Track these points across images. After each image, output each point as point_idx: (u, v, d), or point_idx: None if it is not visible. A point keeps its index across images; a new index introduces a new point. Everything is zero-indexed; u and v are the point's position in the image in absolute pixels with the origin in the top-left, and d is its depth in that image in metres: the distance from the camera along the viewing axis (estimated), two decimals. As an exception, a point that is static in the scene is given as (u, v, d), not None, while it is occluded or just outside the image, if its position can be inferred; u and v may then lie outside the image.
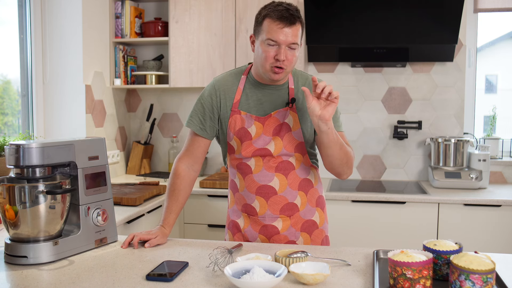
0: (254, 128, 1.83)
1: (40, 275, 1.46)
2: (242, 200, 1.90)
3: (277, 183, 1.84)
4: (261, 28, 1.75)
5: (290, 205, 1.86)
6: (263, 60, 1.74)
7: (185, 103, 3.75)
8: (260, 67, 1.78)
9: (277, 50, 1.71)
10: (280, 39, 1.70)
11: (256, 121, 1.83)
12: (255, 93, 1.86)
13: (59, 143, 1.62)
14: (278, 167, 1.84)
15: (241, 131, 1.84)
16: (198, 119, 1.89)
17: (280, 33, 1.69)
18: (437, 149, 3.31)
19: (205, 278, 1.42)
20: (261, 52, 1.75)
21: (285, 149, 1.83)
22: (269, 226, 1.87)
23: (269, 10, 1.73)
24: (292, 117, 1.83)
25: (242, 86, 1.87)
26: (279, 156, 1.84)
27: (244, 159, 1.86)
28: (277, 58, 1.71)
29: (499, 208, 2.85)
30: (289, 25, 1.70)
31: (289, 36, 1.70)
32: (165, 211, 1.85)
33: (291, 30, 1.70)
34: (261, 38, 1.75)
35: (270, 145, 1.82)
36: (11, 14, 2.97)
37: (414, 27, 3.16)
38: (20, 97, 3.04)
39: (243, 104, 1.85)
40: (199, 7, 3.34)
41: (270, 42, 1.71)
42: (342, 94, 3.54)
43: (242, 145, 1.84)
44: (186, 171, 1.90)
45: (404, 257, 1.28)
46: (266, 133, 1.82)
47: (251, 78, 1.87)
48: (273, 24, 1.70)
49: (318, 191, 1.96)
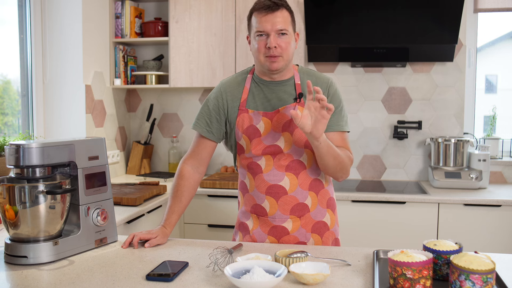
0: (262, 124, 1.82)
1: (40, 275, 1.46)
2: (252, 200, 1.89)
3: (288, 183, 1.83)
4: (250, 24, 1.81)
5: (300, 205, 1.85)
6: (257, 53, 1.79)
7: (185, 103, 3.75)
8: (257, 62, 1.82)
9: (266, 39, 1.75)
10: (267, 28, 1.73)
11: (264, 116, 1.82)
12: (261, 90, 1.86)
13: (59, 143, 1.62)
14: (289, 166, 1.83)
15: (249, 129, 1.83)
16: (204, 121, 1.89)
17: (264, 21, 1.74)
18: (437, 149, 3.31)
19: (205, 278, 1.42)
20: (254, 46, 1.79)
21: (295, 145, 1.81)
22: (279, 227, 1.85)
23: (254, 5, 1.80)
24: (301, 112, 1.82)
25: (248, 85, 1.88)
26: (290, 154, 1.82)
27: (254, 158, 1.85)
28: (268, 46, 1.74)
29: (499, 208, 2.85)
30: (272, 11, 1.73)
31: (275, 23, 1.73)
32: (167, 211, 1.85)
33: (275, 17, 1.73)
34: (252, 33, 1.80)
35: (280, 141, 1.82)
36: (11, 14, 2.97)
37: (414, 27, 3.16)
38: (20, 97, 3.04)
39: (250, 103, 1.86)
40: (199, 7, 3.34)
41: (259, 33, 1.75)
42: (342, 94, 3.53)
43: (252, 143, 1.83)
44: (190, 173, 1.90)
45: (404, 257, 1.28)
46: (275, 129, 1.82)
47: (256, 77, 1.89)
48: (258, 16, 1.76)
49: (329, 192, 1.94)
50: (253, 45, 1.81)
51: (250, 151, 1.84)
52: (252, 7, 1.80)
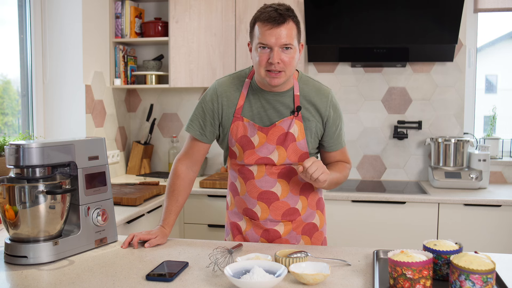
0: (257, 138, 1.79)
1: (40, 275, 1.46)
2: (243, 204, 1.89)
3: (279, 189, 1.83)
4: (253, 33, 1.71)
5: (291, 210, 1.86)
6: (257, 65, 1.69)
7: (185, 103, 3.75)
8: (257, 73, 1.73)
9: (269, 53, 1.65)
10: (270, 42, 1.64)
11: (259, 131, 1.78)
12: (258, 99, 1.80)
13: (59, 143, 1.62)
14: (280, 173, 1.82)
15: (243, 139, 1.80)
16: (198, 123, 1.86)
17: (268, 35, 1.63)
18: (437, 149, 3.31)
19: (205, 278, 1.42)
20: (255, 58, 1.70)
21: (288, 159, 1.80)
22: (271, 230, 1.87)
23: (258, 13, 1.68)
24: (298, 126, 1.78)
25: (245, 91, 1.81)
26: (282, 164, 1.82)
27: (246, 165, 1.84)
28: (270, 61, 1.65)
29: (499, 208, 2.85)
30: (278, 25, 1.63)
31: (279, 37, 1.63)
32: (164, 211, 1.85)
33: (280, 30, 1.63)
34: (254, 43, 1.71)
35: (273, 155, 1.79)
36: (11, 14, 2.97)
37: (414, 27, 3.16)
38: (20, 97, 3.04)
39: (246, 111, 1.81)
40: (199, 7, 3.34)
41: (262, 46, 1.66)
42: (342, 94, 3.54)
43: (245, 153, 1.81)
44: (185, 172, 1.89)
45: (404, 257, 1.28)
46: (270, 142, 1.79)
47: (254, 84, 1.82)
48: (262, 27, 1.65)
49: (318, 193, 1.95)
50: (254, 56, 1.71)
51: (242, 160, 1.83)
52: (256, 15, 1.69)
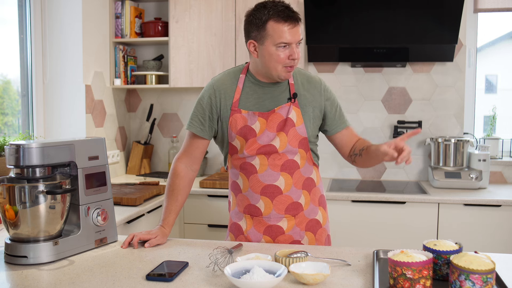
0: (258, 124, 1.82)
1: (40, 275, 1.46)
2: (245, 201, 1.89)
3: (283, 182, 1.84)
4: (265, 32, 1.72)
5: (294, 204, 1.86)
6: (275, 63, 1.75)
7: (185, 103, 3.75)
8: (271, 70, 1.77)
9: (290, 50, 1.74)
10: (292, 39, 1.72)
11: (259, 117, 1.82)
12: (255, 91, 1.85)
13: (59, 143, 1.62)
14: (283, 165, 1.83)
15: (244, 129, 1.83)
16: (198, 120, 1.88)
17: (290, 33, 1.72)
18: (437, 149, 3.31)
19: (205, 278, 1.42)
20: (272, 56, 1.74)
21: (289, 145, 1.82)
22: (274, 227, 1.86)
23: (271, 13, 1.71)
24: (296, 112, 1.83)
25: (241, 85, 1.86)
26: (284, 154, 1.83)
27: (248, 158, 1.84)
28: (292, 58, 1.74)
29: (499, 208, 2.85)
30: (296, 23, 1.73)
31: (297, 34, 1.74)
32: (164, 211, 1.85)
33: (297, 28, 1.74)
34: (268, 42, 1.73)
35: (275, 141, 1.82)
36: (11, 14, 2.97)
37: (414, 27, 3.16)
38: (20, 97, 3.04)
39: (243, 103, 1.84)
40: (199, 7, 3.34)
41: (283, 44, 1.72)
42: (342, 94, 3.54)
43: (247, 143, 1.83)
44: (185, 171, 1.90)
45: (404, 257, 1.28)
46: (270, 129, 1.82)
47: (251, 77, 1.86)
48: (281, 26, 1.71)
49: (320, 190, 1.96)
50: (266, 54, 1.74)
51: (244, 151, 1.84)
52: (267, 15, 1.72)
